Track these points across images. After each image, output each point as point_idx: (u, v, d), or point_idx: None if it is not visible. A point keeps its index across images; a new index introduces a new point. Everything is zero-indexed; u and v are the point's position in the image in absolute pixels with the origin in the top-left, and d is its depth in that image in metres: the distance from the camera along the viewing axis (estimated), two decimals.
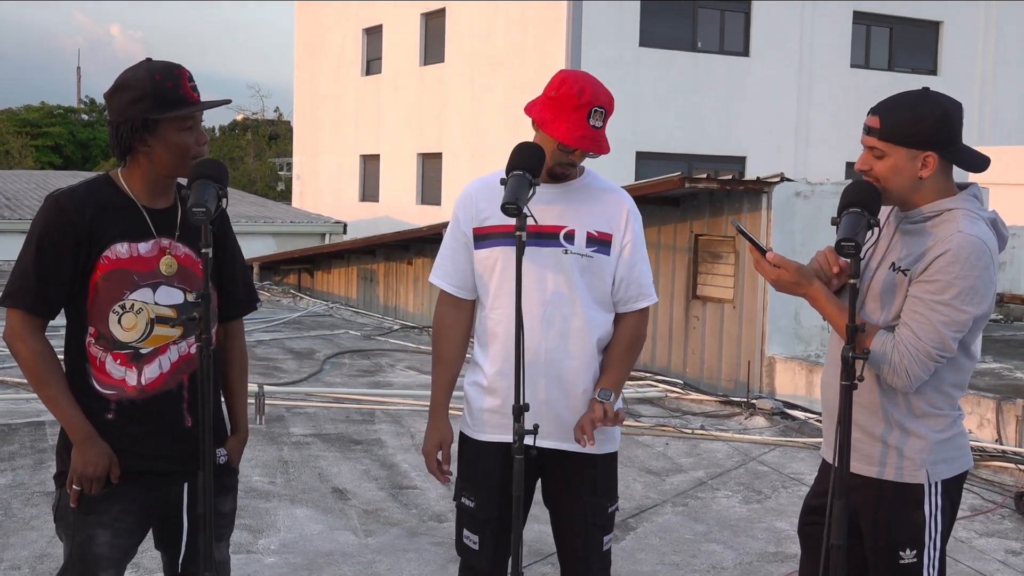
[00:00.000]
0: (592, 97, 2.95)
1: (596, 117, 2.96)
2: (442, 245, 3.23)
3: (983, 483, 6.50)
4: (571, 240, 3.04)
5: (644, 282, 3.13)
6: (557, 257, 3.03)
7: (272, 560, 4.93)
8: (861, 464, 2.85)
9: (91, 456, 2.72)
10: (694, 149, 20.76)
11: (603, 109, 2.97)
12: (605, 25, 19.83)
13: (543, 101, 3.03)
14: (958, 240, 2.67)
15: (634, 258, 3.10)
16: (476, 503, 3.12)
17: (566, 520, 3.14)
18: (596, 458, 3.10)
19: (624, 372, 3.11)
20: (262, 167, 50.45)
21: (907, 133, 2.72)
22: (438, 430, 3.16)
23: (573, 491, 3.10)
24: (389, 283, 16.04)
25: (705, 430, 7.76)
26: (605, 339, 3.12)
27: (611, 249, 3.07)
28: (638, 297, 3.12)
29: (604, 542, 3.13)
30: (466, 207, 3.15)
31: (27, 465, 6.32)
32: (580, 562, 3.13)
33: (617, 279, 3.09)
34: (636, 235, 3.11)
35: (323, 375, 9.73)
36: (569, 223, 3.05)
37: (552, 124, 2.97)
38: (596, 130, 2.97)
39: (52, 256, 2.73)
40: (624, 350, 3.11)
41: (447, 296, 3.19)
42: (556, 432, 3.06)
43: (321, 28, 28.34)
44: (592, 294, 3.07)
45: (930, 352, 2.69)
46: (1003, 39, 23.97)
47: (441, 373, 3.20)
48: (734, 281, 9.38)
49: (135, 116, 2.72)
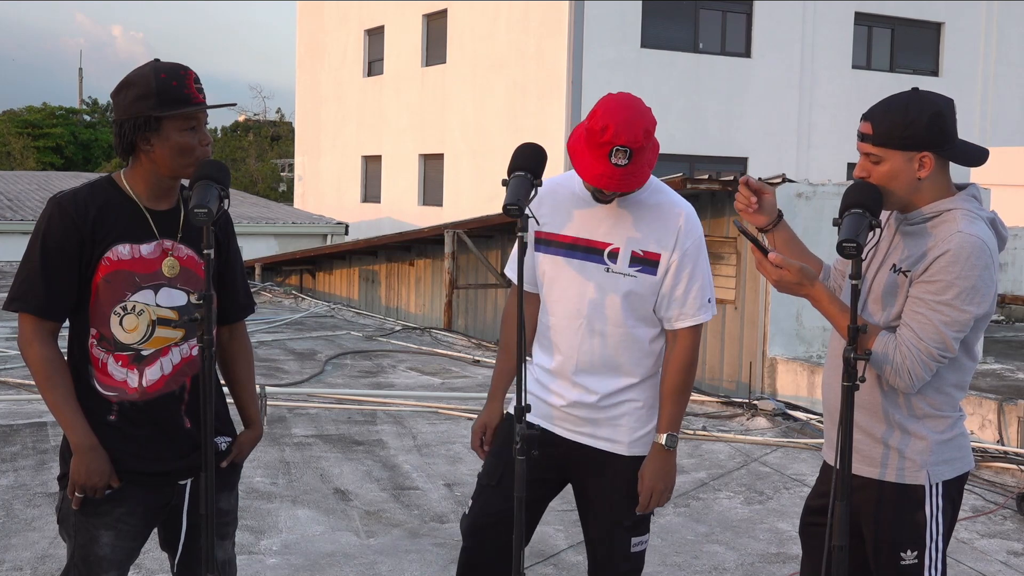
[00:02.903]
0: (613, 136, 2.81)
1: (619, 156, 2.83)
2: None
3: (984, 484, 6.49)
4: (614, 259, 3.03)
5: (691, 301, 3.05)
6: (600, 274, 3.03)
7: (274, 561, 4.93)
8: (862, 465, 2.85)
9: (92, 467, 2.72)
10: (695, 150, 20.77)
11: (627, 148, 2.82)
12: (606, 26, 19.84)
13: (580, 130, 2.96)
14: (958, 240, 2.67)
15: (679, 276, 3.04)
16: (484, 469, 3.21)
17: (593, 517, 3.17)
18: (628, 460, 3.11)
19: (680, 406, 3.09)
20: (264, 168, 50.49)
21: (900, 136, 2.71)
22: (488, 412, 3.26)
23: (602, 491, 3.13)
24: (391, 284, 16.05)
25: (707, 431, 7.76)
26: (647, 355, 3.10)
27: (658, 269, 3.03)
28: (681, 316, 3.06)
29: (633, 543, 3.14)
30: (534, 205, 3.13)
31: (29, 466, 6.33)
32: (606, 562, 3.14)
33: (660, 296, 3.06)
34: (686, 253, 3.03)
35: (325, 376, 9.73)
36: (615, 240, 3.03)
37: (578, 158, 2.91)
38: (619, 168, 2.85)
39: (57, 258, 2.73)
40: (676, 382, 3.07)
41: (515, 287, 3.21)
42: (583, 427, 3.10)
43: (323, 29, 28.36)
44: (633, 313, 3.05)
45: (932, 352, 2.69)
46: (1004, 40, 23.97)
47: (502, 360, 3.28)
48: (736, 282, 9.38)
49: (138, 113, 2.72)
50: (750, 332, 9.20)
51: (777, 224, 3.04)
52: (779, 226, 3.05)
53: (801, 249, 3.09)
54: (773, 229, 3.04)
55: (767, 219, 3.03)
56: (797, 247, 3.08)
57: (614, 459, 3.11)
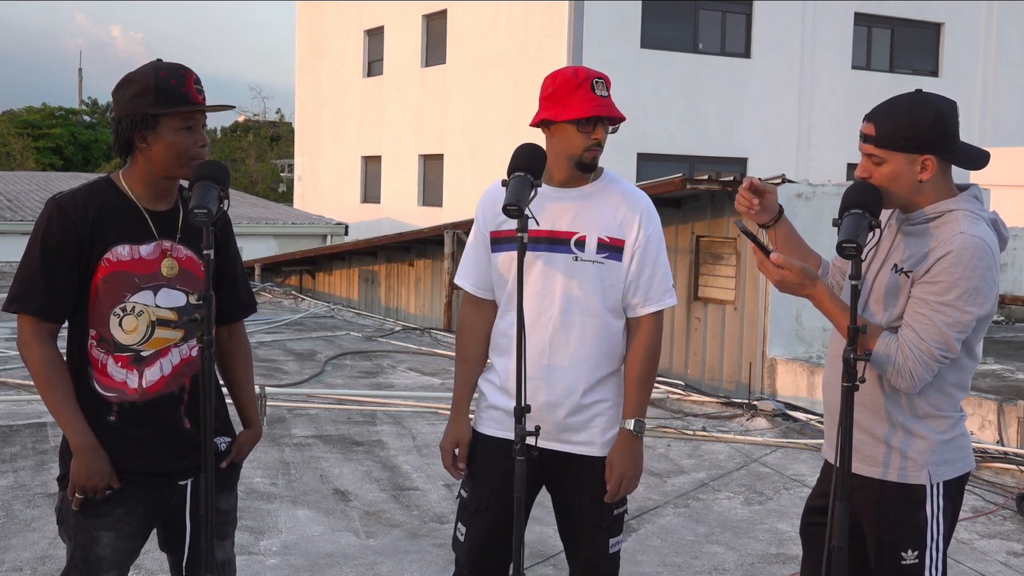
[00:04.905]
0: (587, 73, 2.97)
1: (600, 87, 2.97)
2: (466, 245, 3.24)
3: (985, 485, 6.49)
4: (582, 247, 3.02)
5: (655, 287, 3.08)
6: (568, 263, 3.02)
7: (274, 562, 4.93)
8: (863, 465, 2.85)
9: (92, 468, 2.72)
10: (695, 150, 20.76)
11: (602, 80, 2.99)
12: (606, 26, 19.84)
13: (544, 103, 3.02)
14: (960, 241, 2.67)
15: (644, 261, 3.05)
16: (469, 494, 3.14)
17: (572, 522, 3.14)
18: (602, 460, 3.09)
19: (645, 392, 3.09)
20: (263, 168, 50.50)
21: (903, 138, 2.72)
22: (456, 428, 3.17)
23: (579, 493, 3.10)
24: (390, 284, 16.04)
25: (707, 431, 7.76)
26: (618, 346, 3.10)
27: (623, 255, 3.05)
28: (646, 302, 3.08)
29: (611, 544, 3.13)
30: (485, 209, 3.16)
31: (29, 467, 6.32)
32: (587, 565, 3.13)
33: (627, 283, 3.07)
34: (649, 238, 3.06)
35: (324, 376, 9.73)
36: (581, 229, 3.03)
37: (563, 111, 2.96)
38: (605, 98, 2.98)
39: (57, 259, 2.73)
40: (642, 369, 3.07)
41: (469, 296, 3.21)
42: (559, 434, 3.06)
43: (323, 30, 28.36)
44: (605, 301, 3.05)
45: (934, 353, 2.69)
46: (1004, 40, 23.97)
47: (463, 371, 3.22)
48: (735, 282, 9.38)
49: (135, 110, 2.72)
50: (750, 332, 9.20)
51: (778, 221, 3.05)
52: (780, 222, 3.05)
53: (799, 243, 3.09)
54: (774, 226, 3.05)
55: (768, 216, 3.03)
56: (796, 242, 3.08)
57: (589, 461, 3.09)
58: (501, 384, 3.13)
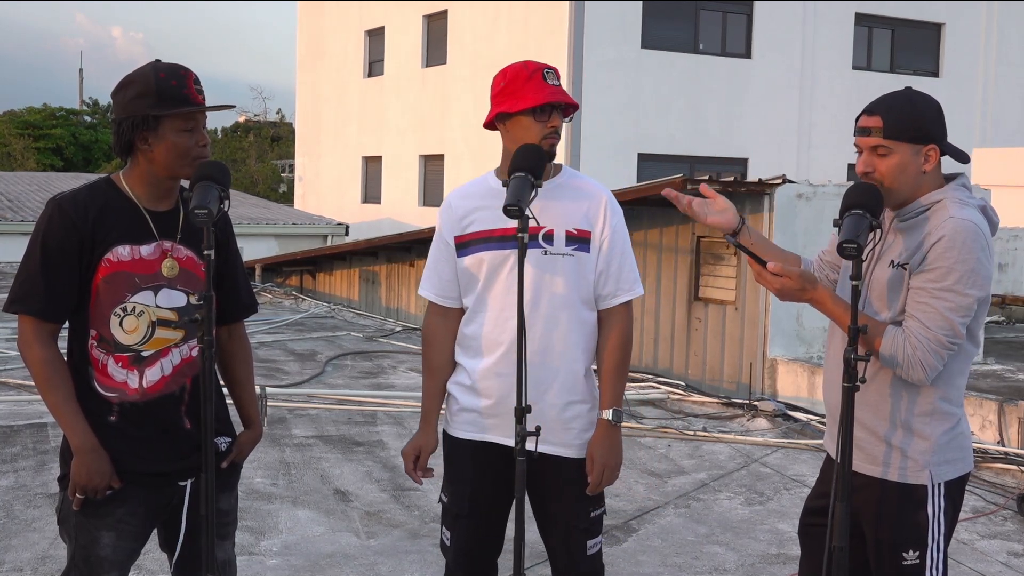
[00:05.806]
0: (537, 65, 3.02)
1: (551, 77, 3.03)
2: (428, 257, 3.24)
3: (985, 485, 6.49)
4: (550, 241, 3.03)
5: (624, 276, 3.10)
6: (538, 258, 3.02)
7: (274, 562, 4.93)
8: (865, 464, 2.85)
9: (93, 468, 2.72)
10: (696, 151, 20.76)
11: (552, 70, 3.04)
12: (607, 27, 19.84)
13: (496, 99, 3.06)
14: (951, 225, 2.70)
15: (612, 252, 3.08)
16: (450, 499, 3.15)
17: (549, 524, 3.14)
18: (578, 462, 3.08)
19: (621, 382, 3.10)
20: (264, 169, 50.49)
21: (912, 128, 2.76)
22: (422, 436, 3.19)
23: (556, 495, 3.10)
24: (391, 285, 16.04)
25: (707, 432, 7.76)
26: (591, 339, 3.11)
27: (591, 246, 3.06)
28: (617, 292, 3.09)
29: (589, 546, 3.10)
30: (447, 217, 3.16)
31: (29, 467, 6.33)
32: (565, 566, 3.13)
33: (597, 274, 3.08)
34: (615, 229, 3.09)
35: (325, 377, 9.73)
36: (547, 223, 3.03)
37: (518, 102, 3.00)
38: (557, 87, 3.03)
39: (57, 260, 2.73)
40: (616, 359, 3.09)
41: (434, 306, 3.21)
42: (541, 435, 3.05)
43: (323, 30, 28.36)
44: (578, 294, 3.06)
45: (941, 340, 2.70)
46: (1005, 41, 23.97)
47: (431, 383, 3.21)
48: (736, 283, 9.38)
49: (136, 112, 2.72)
50: (750, 333, 9.20)
51: (740, 231, 3.08)
52: (742, 233, 3.09)
53: (768, 246, 3.12)
54: (739, 235, 3.08)
55: (731, 224, 3.07)
56: (767, 246, 3.13)
57: (566, 463, 3.08)
58: (471, 384, 3.12)
